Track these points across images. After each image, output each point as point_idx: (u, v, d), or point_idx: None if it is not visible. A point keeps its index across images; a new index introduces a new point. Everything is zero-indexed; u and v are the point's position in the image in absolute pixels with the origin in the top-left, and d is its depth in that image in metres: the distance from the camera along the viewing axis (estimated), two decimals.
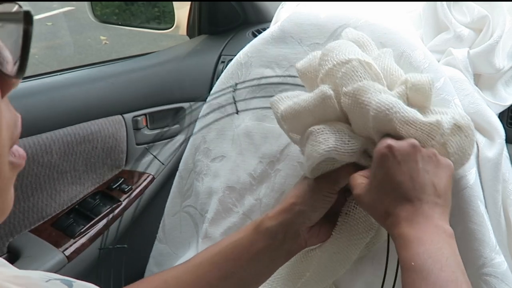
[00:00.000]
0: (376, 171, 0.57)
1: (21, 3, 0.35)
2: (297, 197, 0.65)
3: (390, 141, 0.56)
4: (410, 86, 0.62)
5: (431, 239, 0.52)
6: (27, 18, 0.33)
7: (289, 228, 0.65)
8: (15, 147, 0.36)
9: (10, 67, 0.34)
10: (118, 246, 0.98)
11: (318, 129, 0.62)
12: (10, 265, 0.48)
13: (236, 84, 0.89)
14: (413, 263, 0.50)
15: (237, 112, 0.88)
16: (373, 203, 0.57)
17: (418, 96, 0.62)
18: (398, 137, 0.58)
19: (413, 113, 0.58)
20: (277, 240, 0.65)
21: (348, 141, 0.61)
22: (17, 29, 0.34)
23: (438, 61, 0.79)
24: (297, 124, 0.66)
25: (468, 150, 0.61)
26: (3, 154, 0.34)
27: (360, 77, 0.61)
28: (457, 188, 0.66)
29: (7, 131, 0.35)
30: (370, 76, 0.62)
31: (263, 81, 0.85)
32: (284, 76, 0.83)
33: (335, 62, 0.62)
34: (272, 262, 0.67)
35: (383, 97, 0.59)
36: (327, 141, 0.61)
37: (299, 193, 0.65)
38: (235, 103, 0.88)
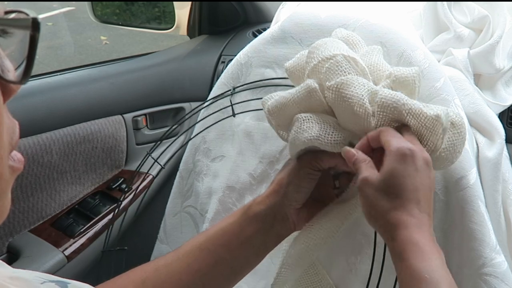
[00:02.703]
0: (394, 166, 0.55)
1: (20, 3, 0.35)
2: (282, 179, 0.66)
3: (411, 146, 0.56)
4: (394, 79, 0.62)
5: (438, 252, 0.53)
6: (35, 25, 0.34)
7: (277, 211, 0.65)
8: (14, 152, 0.37)
9: (12, 75, 0.35)
10: (119, 248, 0.97)
11: (304, 116, 0.62)
12: (7, 265, 0.48)
13: (234, 88, 0.89)
14: (427, 276, 0.50)
15: (234, 115, 0.88)
16: (380, 196, 0.56)
17: (402, 89, 0.62)
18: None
19: (418, 105, 0.59)
20: (267, 224, 0.65)
21: (332, 132, 0.61)
22: (20, 36, 0.34)
23: (438, 61, 0.79)
24: (283, 117, 0.66)
25: (459, 148, 0.61)
26: (3, 158, 0.35)
27: (344, 71, 0.61)
28: (458, 188, 0.66)
29: (7, 136, 0.36)
30: (355, 71, 0.62)
31: (263, 83, 0.85)
32: (284, 78, 0.83)
33: (320, 59, 0.63)
34: (262, 246, 0.67)
35: (386, 91, 0.59)
36: (311, 129, 0.61)
37: (284, 175, 0.66)
38: (232, 106, 0.88)
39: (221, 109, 0.91)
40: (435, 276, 0.50)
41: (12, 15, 0.35)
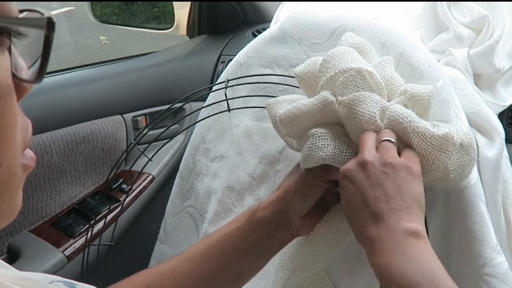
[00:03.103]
0: (343, 195, 0.58)
1: (20, 3, 0.35)
2: (289, 186, 0.66)
3: (346, 165, 0.58)
4: (409, 97, 0.62)
5: (400, 262, 0.52)
6: (50, 24, 0.34)
7: (281, 217, 0.65)
8: (26, 150, 0.38)
9: (25, 74, 0.35)
10: (104, 244, 0.97)
11: (320, 133, 0.61)
12: (11, 266, 0.48)
13: (228, 80, 0.88)
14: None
15: (229, 110, 0.87)
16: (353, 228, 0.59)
17: (416, 107, 0.62)
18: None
19: (425, 124, 0.58)
20: (270, 230, 0.65)
21: (346, 150, 0.61)
22: (33, 35, 0.34)
23: (438, 61, 0.79)
24: (295, 128, 0.65)
25: (468, 168, 0.60)
26: (17, 157, 0.35)
27: (357, 87, 0.61)
28: (458, 188, 0.66)
29: (21, 134, 0.36)
30: (369, 86, 0.61)
31: (263, 79, 0.85)
32: (281, 76, 0.82)
33: (337, 71, 0.62)
34: (265, 252, 0.67)
35: (397, 107, 0.59)
36: (326, 148, 0.60)
37: (291, 182, 0.66)
38: (227, 101, 0.87)
39: (215, 103, 0.91)
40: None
41: (25, 14, 0.35)
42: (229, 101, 0.87)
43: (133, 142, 0.95)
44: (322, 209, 0.67)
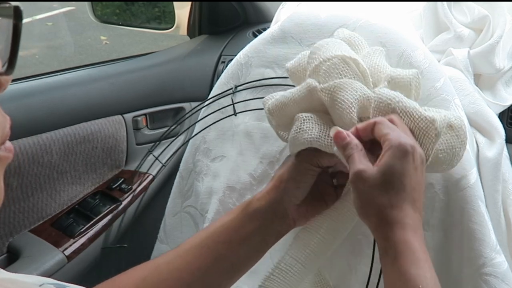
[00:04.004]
0: (394, 162, 0.54)
1: (20, 3, 0.35)
2: (282, 175, 0.65)
3: (412, 142, 0.55)
4: (389, 80, 0.62)
5: (429, 260, 0.52)
6: (17, 13, 0.34)
7: (277, 207, 0.65)
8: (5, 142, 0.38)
9: None
10: (119, 245, 0.97)
11: (305, 116, 0.62)
12: (4, 270, 0.48)
13: (236, 86, 0.89)
14: (421, 286, 0.50)
15: (235, 114, 0.88)
16: (375, 192, 0.54)
17: (398, 91, 0.61)
18: None
19: (414, 104, 0.58)
20: (267, 221, 0.65)
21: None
22: (4, 33, 0.34)
23: (439, 61, 0.79)
24: (284, 117, 0.66)
25: (458, 150, 0.61)
26: None
27: (340, 74, 0.61)
28: (458, 187, 0.66)
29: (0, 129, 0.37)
30: (354, 73, 0.62)
31: (264, 82, 0.85)
32: (284, 77, 0.82)
33: (321, 59, 0.63)
34: (262, 243, 0.67)
35: (384, 90, 0.59)
36: (311, 130, 0.61)
37: (284, 171, 0.66)
38: (233, 105, 0.88)
39: (221, 108, 0.91)
40: (428, 287, 0.50)
41: None
42: (232, 100, 0.88)
43: (150, 151, 0.96)
44: (318, 200, 0.67)
